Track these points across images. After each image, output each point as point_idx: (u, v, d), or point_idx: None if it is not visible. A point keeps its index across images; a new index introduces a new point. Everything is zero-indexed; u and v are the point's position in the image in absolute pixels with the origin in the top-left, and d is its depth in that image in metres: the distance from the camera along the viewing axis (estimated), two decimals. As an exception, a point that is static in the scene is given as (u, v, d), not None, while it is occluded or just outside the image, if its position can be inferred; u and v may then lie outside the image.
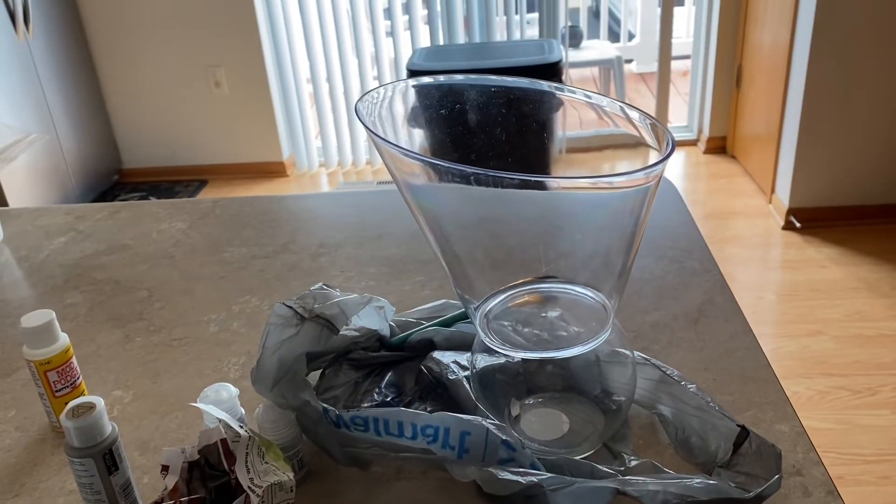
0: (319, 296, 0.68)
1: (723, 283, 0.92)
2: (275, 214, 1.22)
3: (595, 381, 0.73)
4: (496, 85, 0.77)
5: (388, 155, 0.61)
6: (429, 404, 0.72)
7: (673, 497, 0.57)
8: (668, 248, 1.01)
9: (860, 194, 2.71)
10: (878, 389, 1.93)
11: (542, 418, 0.72)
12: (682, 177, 3.33)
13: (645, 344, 0.82)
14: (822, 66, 2.52)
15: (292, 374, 0.65)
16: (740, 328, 0.84)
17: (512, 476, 0.59)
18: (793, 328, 2.21)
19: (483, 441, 0.61)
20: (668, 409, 0.70)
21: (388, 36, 3.45)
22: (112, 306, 0.98)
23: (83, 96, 3.30)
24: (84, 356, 0.88)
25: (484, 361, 0.71)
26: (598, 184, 0.59)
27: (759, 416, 0.70)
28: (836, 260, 2.52)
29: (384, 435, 0.64)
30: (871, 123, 2.61)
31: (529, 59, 2.57)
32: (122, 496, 0.62)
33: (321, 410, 0.65)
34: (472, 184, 0.56)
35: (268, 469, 0.60)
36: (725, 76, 3.29)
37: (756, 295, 2.38)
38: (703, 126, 3.50)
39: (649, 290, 0.92)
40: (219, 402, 0.67)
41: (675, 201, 1.14)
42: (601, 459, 0.66)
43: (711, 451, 0.65)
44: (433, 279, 0.99)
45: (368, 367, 0.77)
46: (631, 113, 0.69)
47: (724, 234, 2.77)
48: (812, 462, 0.64)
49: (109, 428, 0.62)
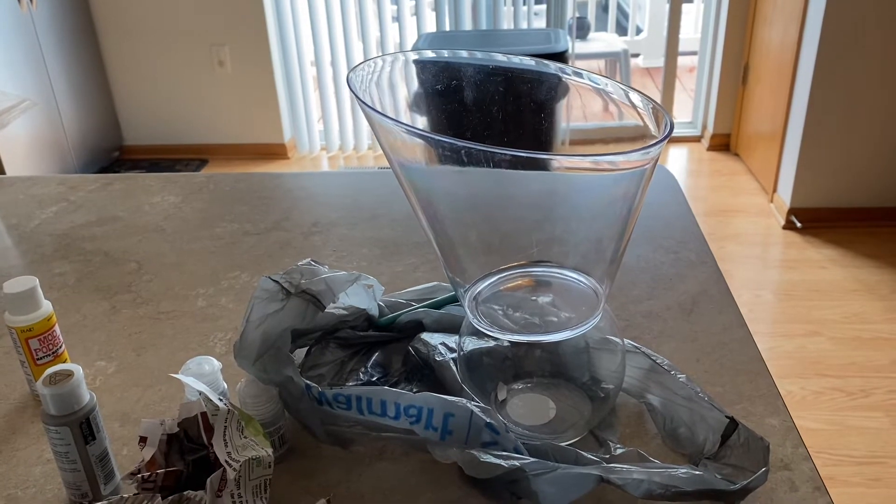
0: (306, 271, 0.67)
1: (718, 275, 0.91)
2: (269, 192, 1.21)
3: (584, 367, 0.72)
4: (502, 66, 0.75)
5: (379, 128, 0.59)
6: (415, 385, 0.71)
7: (657, 487, 0.56)
8: (665, 238, 1.00)
9: (862, 196, 2.70)
10: (872, 392, 1.92)
11: (529, 403, 0.71)
12: (685, 173, 3.31)
13: (637, 333, 0.81)
14: (829, 67, 2.50)
15: (276, 350, 0.64)
16: (734, 321, 0.83)
17: (494, 459, 0.58)
18: (790, 328, 2.20)
19: (467, 423, 0.60)
20: (656, 399, 0.69)
21: (393, 21, 3.43)
22: (100, 277, 0.97)
23: (86, 71, 3.28)
24: (69, 326, 0.87)
25: (472, 344, 0.70)
26: (594, 163, 0.58)
27: (750, 409, 0.69)
28: (835, 261, 2.51)
29: (367, 414, 0.63)
30: (876, 126, 2.59)
31: (536, 47, 2.55)
32: (98, 466, 0.61)
33: (304, 387, 0.64)
34: (465, 160, 0.55)
35: (246, 444, 0.59)
36: (732, 73, 3.27)
37: (754, 293, 2.37)
38: (708, 123, 3.48)
39: (643, 280, 0.91)
40: (201, 375, 0.66)
41: (674, 192, 1.12)
42: (587, 446, 0.65)
43: (699, 442, 0.64)
44: (426, 261, 0.98)
45: (355, 347, 0.76)
46: (633, 97, 0.68)
47: (725, 231, 2.75)
48: (801, 457, 0.63)
49: (87, 397, 0.61)
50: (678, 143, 3.57)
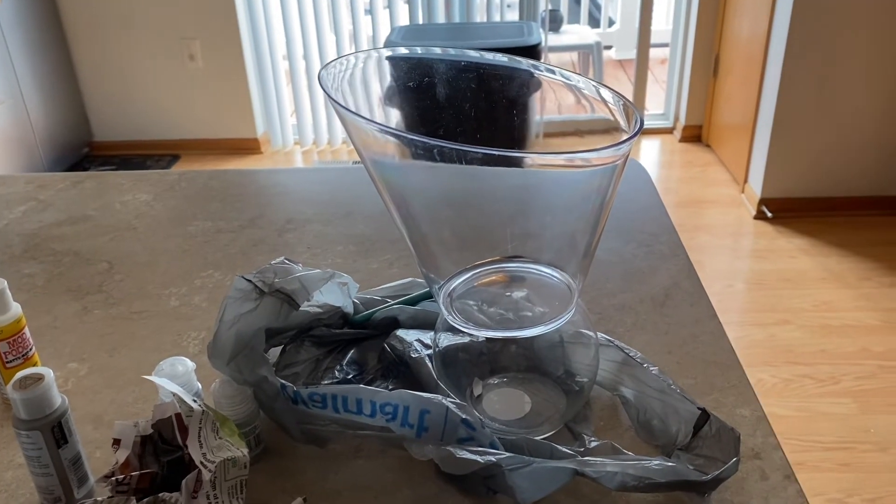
0: (280, 270, 0.67)
1: (690, 268, 0.92)
2: (243, 189, 1.20)
3: (558, 361, 0.72)
4: (475, 63, 0.75)
5: (351, 126, 0.59)
6: (391, 382, 0.71)
7: (631, 479, 0.57)
8: (637, 231, 1.01)
9: (832, 186, 2.74)
10: (841, 378, 1.96)
11: (504, 398, 0.71)
12: (658, 164, 3.34)
13: (610, 326, 0.82)
14: (798, 58, 2.53)
15: (250, 349, 0.64)
16: (705, 313, 0.84)
17: (470, 455, 0.58)
18: (760, 317, 2.23)
19: (443, 419, 0.60)
20: (630, 392, 0.69)
21: (366, 14, 3.41)
22: (71, 278, 0.96)
23: (53, 66, 3.22)
24: (39, 328, 0.86)
25: (447, 340, 0.70)
26: (567, 160, 0.58)
27: (721, 399, 0.70)
28: (805, 250, 2.55)
29: (342, 412, 0.63)
30: (845, 116, 2.63)
31: (509, 40, 2.55)
32: (71, 470, 0.61)
33: (279, 386, 0.64)
34: (437, 158, 0.55)
35: (221, 444, 0.58)
36: (703, 65, 3.30)
37: (726, 283, 2.40)
38: (680, 114, 3.51)
39: (616, 273, 0.92)
40: (174, 375, 0.65)
41: (646, 185, 1.14)
42: (562, 440, 0.65)
43: (672, 433, 0.65)
44: (401, 257, 0.98)
45: (331, 345, 0.76)
46: (605, 93, 0.68)
47: (697, 222, 2.78)
48: (771, 446, 0.65)
49: (59, 400, 0.60)
50: (650, 134, 3.60)
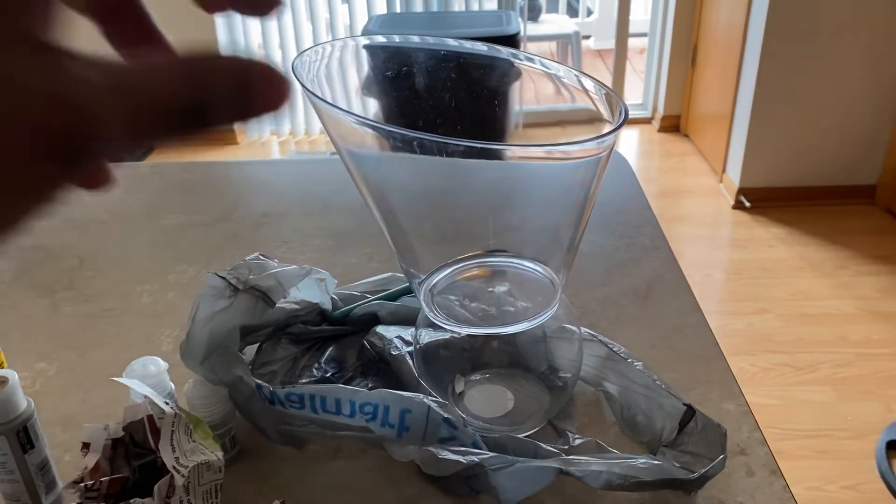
0: (255, 266, 0.65)
1: (672, 260, 0.91)
2: (217, 181, 1.17)
3: (541, 357, 0.71)
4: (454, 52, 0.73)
5: (327, 117, 0.57)
6: (370, 380, 0.70)
7: (616, 477, 0.56)
8: (619, 223, 1.00)
9: (809, 176, 2.76)
10: (818, 366, 1.97)
11: (487, 395, 0.70)
12: (636, 154, 3.34)
13: (593, 320, 0.81)
14: (776, 48, 2.53)
15: (224, 349, 0.62)
16: (688, 305, 0.83)
17: (453, 456, 0.56)
18: (739, 306, 2.24)
19: (424, 419, 0.59)
20: (614, 387, 0.68)
21: (343, 2, 3.37)
22: (39, 274, 0.93)
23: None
24: (6, 326, 0.83)
25: (428, 337, 0.68)
26: (547, 153, 0.57)
27: (706, 394, 0.70)
28: (783, 239, 2.56)
29: (321, 412, 0.61)
30: (823, 105, 2.64)
31: (487, 30, 2.53)
32: (38, 476, 0.59)
33: (254, 386, 0.62)
34: (417, 150, 0.53)
35: (195, 448, 0.56)
36: (681, 55, 3.30)
37: (704, 273, 2.41)
38: (658, 104, 3.51)
39: (599, 266, 0.91)
40: (146, 376, 0.63)
41: (628, 177, 1.12)
42: (545, 437, 0.64)
43: (657, 429, 0.64)
44: (381, 251, 0.96)
45: (308, 342, 0.74)
46: (586, 83, 0.67)
47: (675, 212, 2.79)
48: (756, 441, 0.64)
49: (24, 403, 0.58)
50: (629, 125, 3.60)
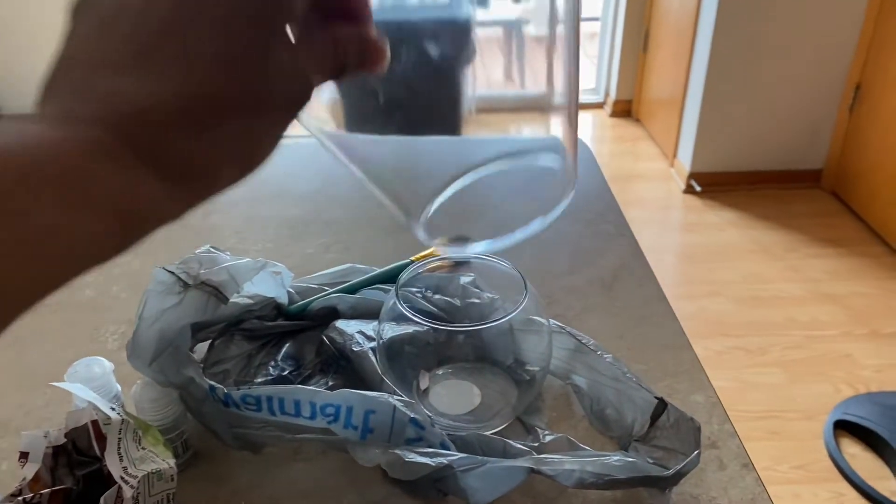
0: (206, 260, 0.61)
1: (636, 248, 0.90)
2: (163, 167, 1.11)
3: (508, 350, 0.69)
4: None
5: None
6: (330, 378, 0.67)
7: (590, 476, 0.54)
8: (583, 210, 0.98)
9: (759, 160, 2.80)
10: (769, 349, 2.01)
11: (453, 391, 0.67)
12: (589, 139, 3.35)
13: (559, 310, 0.79)
14: (727, 33, 2.55)
15: (174, 348, 0.58)
16: (654, 294, 0.82)
17: (420, 458, 0.54)
18: (691, 289, 2.27)
19: (389, 420, 0.56)
20: (583, 380, 0.67)
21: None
22: (-30, 268, 0.87)
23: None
24: (-66, 325, 0.77)
25: (392, 331, 0.66)
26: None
27: (675, 385, 0.68)
28: (733, 223, 2.60)
29: (279, 415, 0.58)
30: (773, 91, 2.67)
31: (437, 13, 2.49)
32: (-30, 489, 0.54)
33: (207, 388, 0.58)
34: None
35: (145, 456, 0.53)
36: (633, 40, 3.31)
37: (657, 257, 2.43)
38: (610, 89, 3.52)
39: (563, 254, 0.89)
40: (90, 378, 0.59)
41: (589, 164, 1.11)
42: (514, 434, 0.62)
43: (627, 423, 0.62)
44: (338, 241, 0.92)
45: (264, 338, 0.70)
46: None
47: (627, 197, 2.80)
48: (727, 434, 0.63)
49: (-46, 412, 0.53)
50: (581, 109, 3.60)
